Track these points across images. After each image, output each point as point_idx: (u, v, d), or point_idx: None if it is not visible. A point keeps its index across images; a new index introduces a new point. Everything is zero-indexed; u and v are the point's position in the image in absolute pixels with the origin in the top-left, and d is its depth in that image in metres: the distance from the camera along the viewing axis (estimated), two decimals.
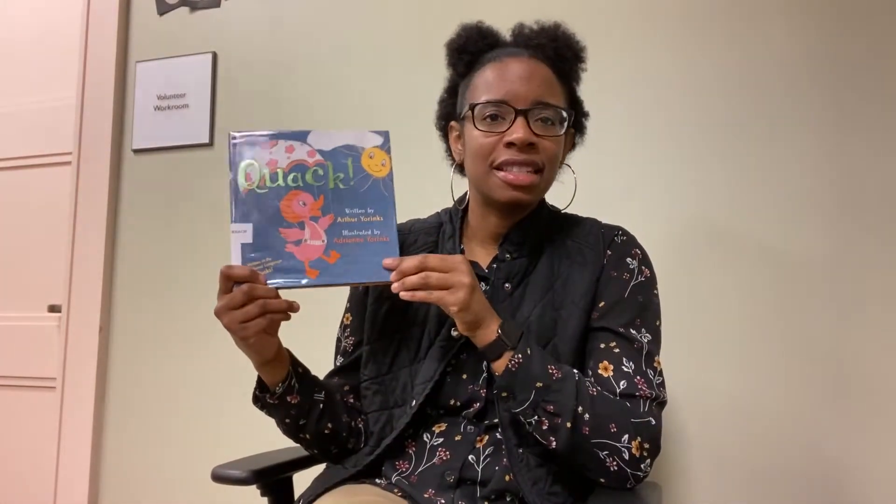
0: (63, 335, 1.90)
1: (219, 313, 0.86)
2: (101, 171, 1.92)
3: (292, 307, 0.88)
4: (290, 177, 0.90)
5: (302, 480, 1.11)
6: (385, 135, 0.93)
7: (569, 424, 0.84)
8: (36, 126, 2.10)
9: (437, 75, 1.11)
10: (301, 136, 0.91)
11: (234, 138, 0.91)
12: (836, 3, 1.39)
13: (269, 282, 0.87)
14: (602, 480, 0.87)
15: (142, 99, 1.92)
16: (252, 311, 0.85)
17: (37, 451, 1.96)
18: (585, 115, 1.08)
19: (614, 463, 0.85)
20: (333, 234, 0.89)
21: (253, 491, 1.09)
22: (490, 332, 0.88)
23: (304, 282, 0.88)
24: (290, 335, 0.99)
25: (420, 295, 0.87)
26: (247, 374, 1.72)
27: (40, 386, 2.00)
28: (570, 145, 1.08)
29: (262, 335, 0.88)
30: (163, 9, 1.93)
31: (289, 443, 1.21)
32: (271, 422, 1.03)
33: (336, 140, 0.92)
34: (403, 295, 0.87)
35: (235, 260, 0.88)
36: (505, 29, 1.06)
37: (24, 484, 2.00)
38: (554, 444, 0.86)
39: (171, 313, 1.84)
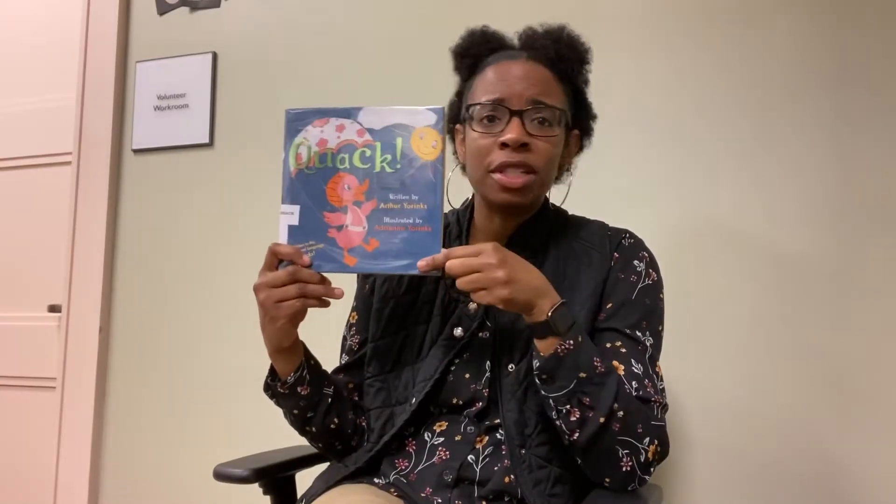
0: (63, 335, 1.90)
1: (257, 288, 0.89)
2: (101, 171, 1.92)
3: (332, 294, 0.89)
4: (339, 158, 0.89)
5: (304, 479, 1.12)
6: (439, 112, 0.88)
7: (602, 419, 0.84)
8: (36, 126, 2.10)
9: (440, 75, 1.12)
10: (353, 114, 0.89)
11: (289, 115, 0.90)
12: (838, 4, 1.40)
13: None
14: (607, 480, 0.87)
15: (142, 99, 1.92)
16: (291, 291, 0.87)
17: (37, 451, 1.96)
18: (593, 117, 1.09)
19: (629, 463, 0.86)
20: (374, 220, 0.88)
21: (255, 490, 1.10)
22: (540, 313, 0.86)
23: (343, 268, 0.88)
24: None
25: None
26: (247, 373, 1.72)
27: (40, 386, 2.00)
28: (578, 148, 1.09)
29: (291, 319, 0.89)
30: (163, 9, 1.93)
31: (290, 441, 1.21)
32: (273, 421, 1.04)
33: (387, 118, 0.88)
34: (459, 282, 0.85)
35: (282, 240, 0.89)
36: (511, 32, 1.06)
37: (24, 484, 2.00)
38: (577, 435, 0.85)
39: (171, 313, 1.84)
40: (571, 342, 0.85)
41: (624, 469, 0.86)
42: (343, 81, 1.74)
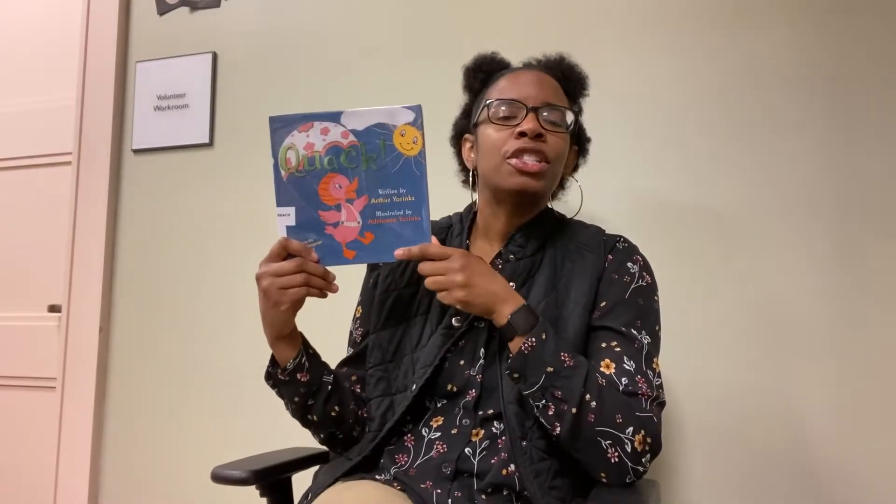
0: (63, 335, 1.90)
1: (261, 276, 0.94)
2: (101, 171, 1.92)
3: (331, 288, 0.96)
4: (327, 160, 0.94)
5: (301, 481, 1.12)
6: (417, 110, 0.93)
7: (574, 410, 0.87)
8: (36, 126, 2.10)
9: (440, 75, 1.13)
10: (335, 117, 0.93)
11: (274, 123, 0.94)
12: (836, 5, 1.39)
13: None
14: (602, 474, 0.89)
15: (142, 99, 1.92)
16: (296, 279, 0.93)
17: (37, 451, 1.97)
18: (588, 139, 1.18)
19: (616, 454, 0.88)
20: (367, 215, 0.94)
21: (252, 491, 1.10)
22: (501, 317, 0.92)
23: (342, 261, 0.94)
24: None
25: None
26: (247, 373, 1.72)
27: (40, 386, 2.00)
28: (574, 164, 1.17)
29: (293, 305, 0.95)
30: (163, 9, 1.93)
31: (289, 442, 1.21)
32: (272, 421, 1.04)
33: (368, 119, 0.93)
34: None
35: None
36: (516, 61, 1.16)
37: (24, 484, 2.00)
38: (558, 429, 0.88)
39: (171, 313, 1.84)
40: (534, 340, 0.90)
41: (612, 461, 0.88)
42: (343, 81, 1.74)
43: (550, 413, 0.88)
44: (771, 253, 1.38)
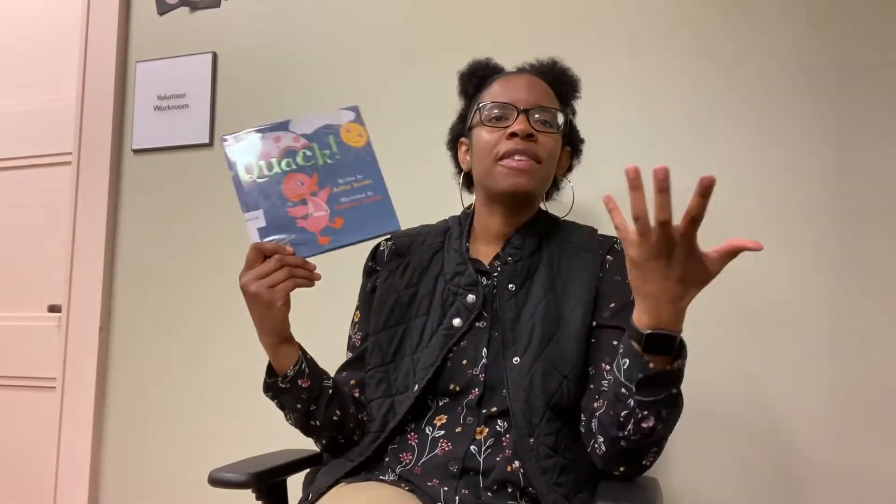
0: (63, 335, 1.90)
1: (246, 283, 0.95)
2: (101, 171, 1.92)
3: (314, 276, 0.98)
4: (284, 162, 0.99)
5: (296, 483, 1.12)
6: (355, 109, 1.04)
7: (664, 437, 0.88)
8: (36, 126, 2.10)
9: (439, 75, 1.13)
10: (283, 126, 1.01)
11: (226, 140, 1.00)
12: (835, 4, 1.39)
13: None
14: (621, 469, 0.91)
15: (142, 99, 1.91)
16: (280, 275, 0.94)
17: (37, 451, 1.97)
18: (581, 140, 1.20)
19: (650, 458, 0.90)
20: (333, 202, 0.99)
21: (248, 492, 1.10)
22: (673, 325, 0.81)
23: (319, 249, 0.97)
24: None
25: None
26: (247, 373, 1.72)
27: (40, 386, 2.00)
28: (568, 165, 1.19)
29: (286, 303, 0.96)
30: (163, 9, 1.93)
31: (290, 444, 1.21)
32: (272, 421, 1.04)
33: (315, 122, 1.02)
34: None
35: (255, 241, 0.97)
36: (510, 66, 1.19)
37: (24, 484, 2.00)
38: (634, 437, 0.86)
39: (171, 313, 1.84)
40: (682, 362, 0.83)
41: (644, 464, 0.91)
42: (342, 81, 1.74)
43: (645, 425, 0.84)
44: (768, 253, 1.38)
